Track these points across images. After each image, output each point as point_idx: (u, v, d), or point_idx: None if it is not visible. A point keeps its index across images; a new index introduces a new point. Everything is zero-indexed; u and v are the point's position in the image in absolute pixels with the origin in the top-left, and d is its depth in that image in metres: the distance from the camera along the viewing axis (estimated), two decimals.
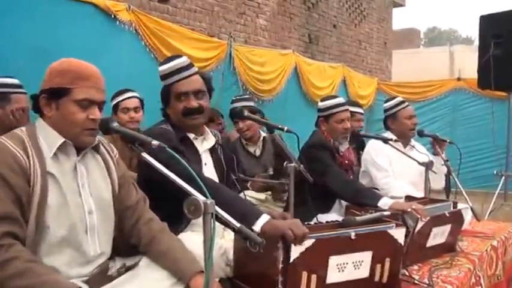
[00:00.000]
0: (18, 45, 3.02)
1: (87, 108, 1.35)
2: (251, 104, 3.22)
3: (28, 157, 1.29)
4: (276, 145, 2.90)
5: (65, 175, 1.35)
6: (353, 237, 1.49)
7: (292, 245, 1.38)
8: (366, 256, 1.54)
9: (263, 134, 3.12)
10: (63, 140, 1.35)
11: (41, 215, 1.28)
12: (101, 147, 1.49)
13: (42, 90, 1.36)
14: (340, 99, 2.62)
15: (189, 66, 1.84)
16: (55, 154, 1.34)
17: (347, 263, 1.50)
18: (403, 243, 1.61)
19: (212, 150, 1.92)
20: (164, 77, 1.83)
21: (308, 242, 1.41)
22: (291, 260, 1.38)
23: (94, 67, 1.41)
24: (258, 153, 3.10)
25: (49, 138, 1.35)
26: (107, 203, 1.44)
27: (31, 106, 1.43)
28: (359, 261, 1.53)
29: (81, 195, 1.37)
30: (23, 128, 1.37)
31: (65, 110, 1.34)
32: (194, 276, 1.34)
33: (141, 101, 2.91)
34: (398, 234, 1.61)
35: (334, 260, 1.47)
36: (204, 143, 1.90)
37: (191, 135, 1.85)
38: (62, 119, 1.35)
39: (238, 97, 3.35)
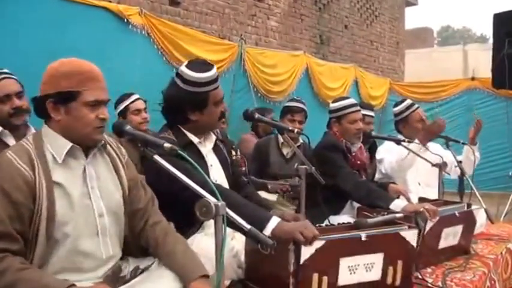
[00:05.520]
0: (30, 49, 3.04)
1: (96, 108, 1.37)
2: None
3: (34, 171, 1.29)
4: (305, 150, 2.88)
5: (74, 180, 1.36)
6: (364, 238, 1.49)
7: (303, 247, 1.39)
8: (378, 258, 1.54)
9: (301, 140, 3.12)
10: (71, 145, 1.36)
11: (51, 227, 1.29)
12: (109, 147, 1.49)
13: (48, 94, 1.34)
14: (352, 100, 2.62)
15: None
16: (63, 160, 1.35)
17: (358, 265, 1.50)
18: (415, 245, 1.60)
19: (215, 149, 1.93)
20: (203, 84, 1.80)
21: (318, 243, 1.41)
22: (302, 261, 1.39)
23: (95, 66, 1.40)
24: (289, 155, 3.09)
25: (57, 145, 1.36)
26: (118, 205, 1.45)
27: (32, 109, 1.41)
28: (370, 263, 1.53)
29: (91, 198, 1.38)
30: (30, 138, 1.38)
31: (76, 114, 1.35)
32: (194, 280, 1.31)
33: (145, 102, 2.95)
34: (410, 235, 1.60)
35: (345, 262, 1.47)
36: (207, 144, 1.90)
37: (195, 140, 1.85)
38: (73, 122, 1.35)
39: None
